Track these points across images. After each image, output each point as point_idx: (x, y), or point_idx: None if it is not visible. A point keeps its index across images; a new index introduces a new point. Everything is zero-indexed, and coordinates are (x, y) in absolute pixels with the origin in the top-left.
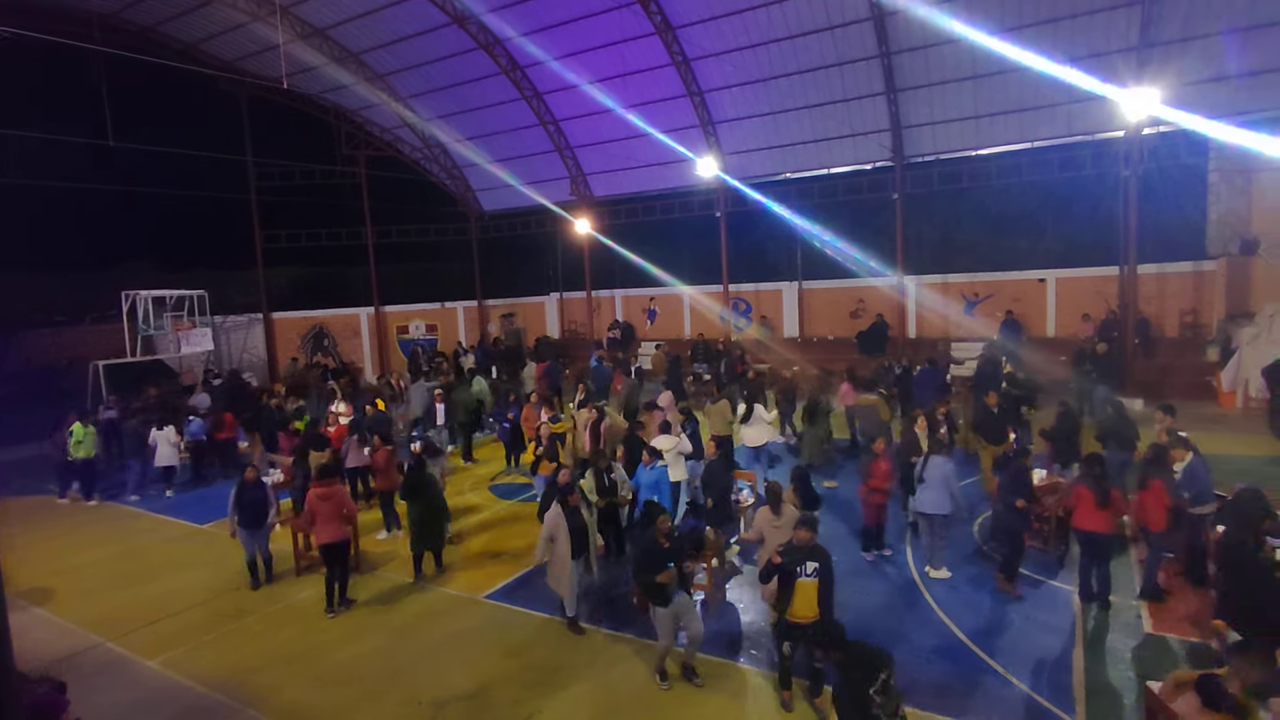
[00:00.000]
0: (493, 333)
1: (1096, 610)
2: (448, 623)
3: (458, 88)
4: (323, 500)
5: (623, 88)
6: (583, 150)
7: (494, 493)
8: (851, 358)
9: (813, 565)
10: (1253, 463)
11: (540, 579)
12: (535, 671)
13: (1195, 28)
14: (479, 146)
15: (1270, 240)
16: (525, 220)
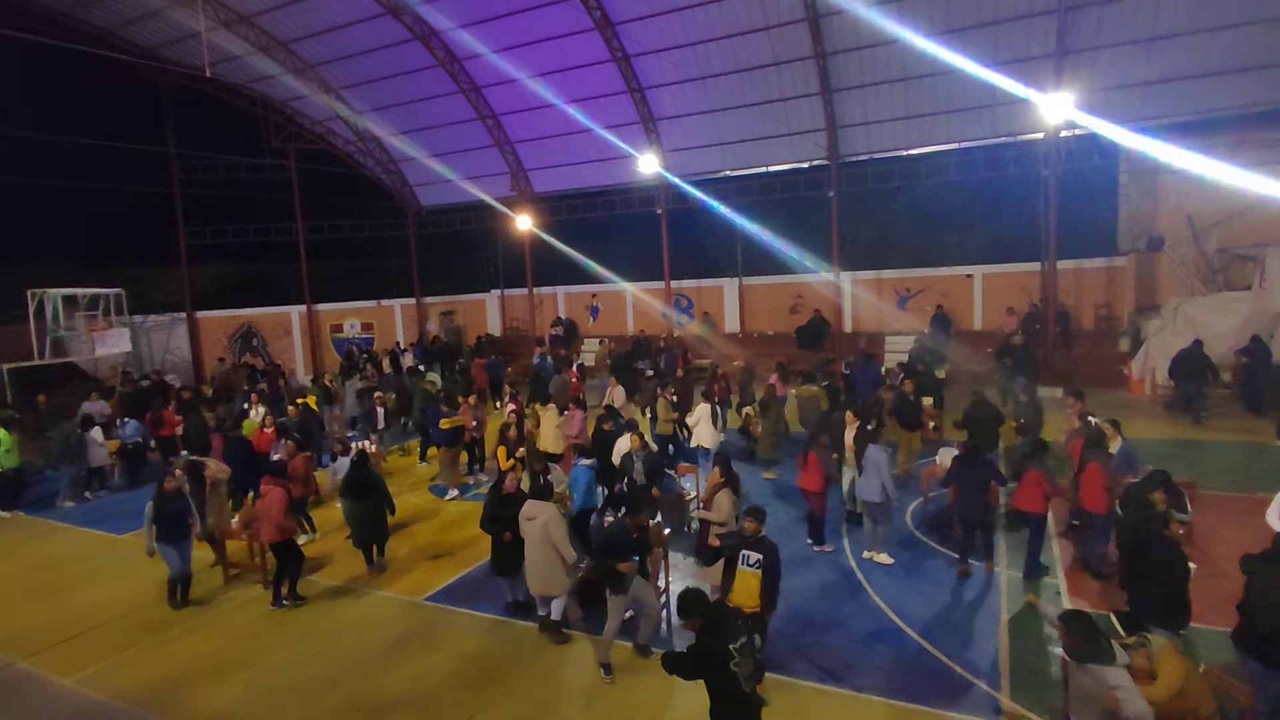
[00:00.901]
0: (432, 331)
1: (1024, 585)
2: (386, 626)
3: (393, 80)
4: (266, 501)
5: (563, 83)
6: (523, 145)
7: (434, 493)
8: (791, 352)
9: (755, 556)
10: (1159, 445)
11: (482, 578)
12: (478, 672)
13: (1105, 37)
14: (416, 140)
15: (1173, 238)
16: (465, 216)
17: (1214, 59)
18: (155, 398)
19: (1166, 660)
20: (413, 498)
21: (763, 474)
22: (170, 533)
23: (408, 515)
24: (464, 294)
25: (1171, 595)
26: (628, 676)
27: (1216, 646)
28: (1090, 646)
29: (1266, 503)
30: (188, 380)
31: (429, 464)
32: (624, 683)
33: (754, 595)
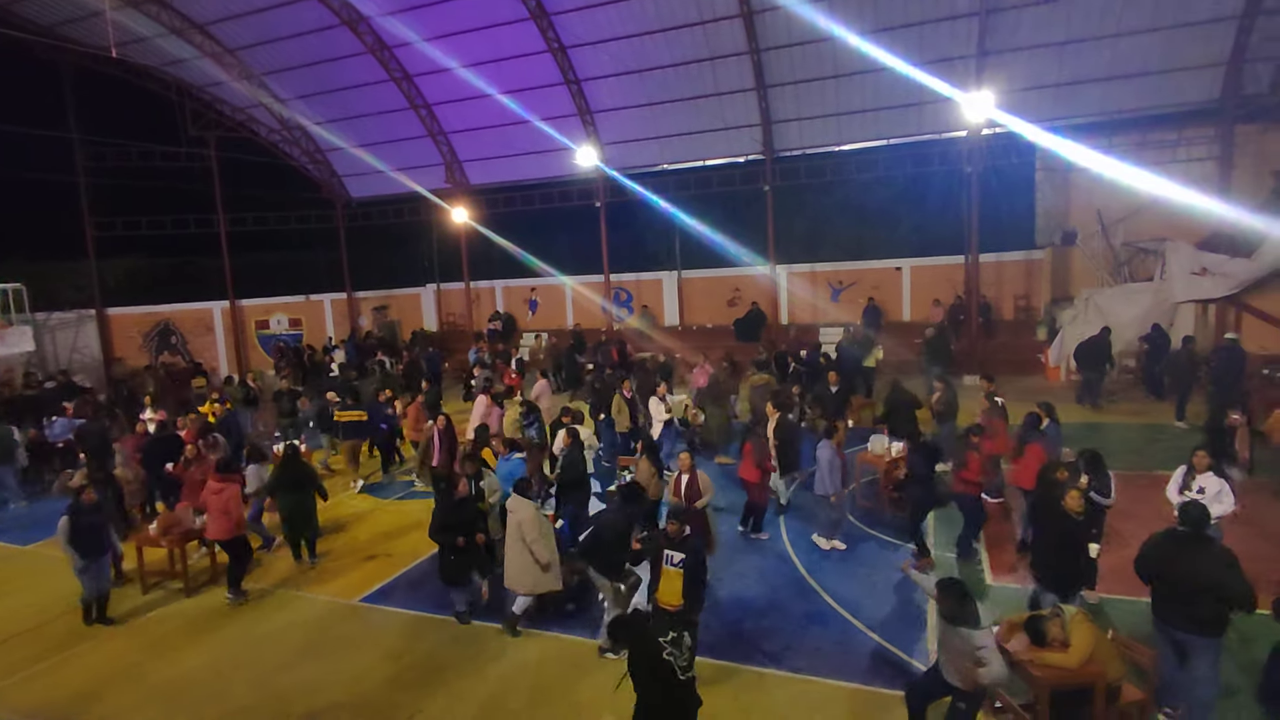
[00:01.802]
0: (364, 326)
1: (958, 564)
2: (318, 629)
3: (319, 66)
4: (215, 495)
5: (498, 73)
6: (458, 136)
7: (369, 494)
8: (729, 344)
9: (678, 556)
10: (1069, 428)
11: (420, 577)
12: (416, 672)
13: (1022, 40)
14: (345, 130)
15: (1085, 233)
16: (398, 208)
17: (1118, 63)
18: (60, 400)
19: (1078, 629)
20: (346, 499)
21: (717, 459)
22: (87, 548)
23: (342, 516)
24: (398, 288)
25: (1073, 564)
26: (574, 671)
27: (1122, 614)
28: (961, 610)
29: (1165, 479)
30: (98, 381)
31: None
32: (570, 678)
33: (678, 594)
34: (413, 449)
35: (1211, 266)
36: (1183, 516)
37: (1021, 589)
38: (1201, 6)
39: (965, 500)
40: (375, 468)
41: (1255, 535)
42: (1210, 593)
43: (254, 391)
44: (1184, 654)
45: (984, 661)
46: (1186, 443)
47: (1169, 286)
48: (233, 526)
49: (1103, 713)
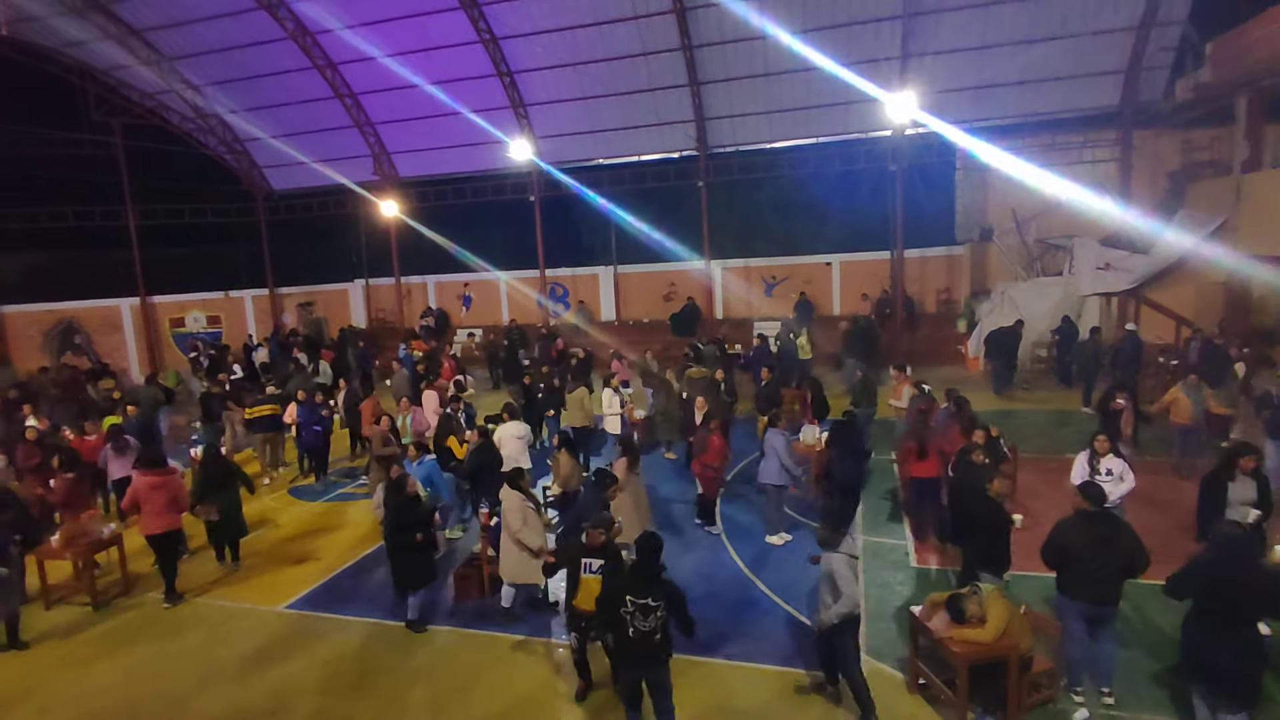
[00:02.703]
0: (288, 323)
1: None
2: (240, 639)
3: (236, 51)
4: (155, 490)
5: (427, 63)
6: (386, 127)
7: (294, 496)
8: (666, 339)
9: (598, 563)
10: (984, 415)
11: (349, 581)
12: (346, 677)
13: (943, 43)
14: (264, 119)
15: (1001, 229)
16: (323, 201)
17: (1030, 68)
18: None
19: (993, 605)
20: (269, 501)
21: (665, 453)
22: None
23: (267, 520)
24: (324, 284)
25: (993, 544)
26: (509, 669)
27: (1032, 589)
28: (832, 537)
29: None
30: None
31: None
32: (505, 674)
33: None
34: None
35: (1114, 262)
36: (1089, 496)
37: (943, 570)
38: (1102, 17)
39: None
40: (297, 467)
41: (1148, 508)
42: (1123, 564)
43: (171, 392)
44: (1092, 628)
45: (838, 588)
46: (1093, 427)
47: (1077, 280)
48: (178, 518)
49: (1016, 682)
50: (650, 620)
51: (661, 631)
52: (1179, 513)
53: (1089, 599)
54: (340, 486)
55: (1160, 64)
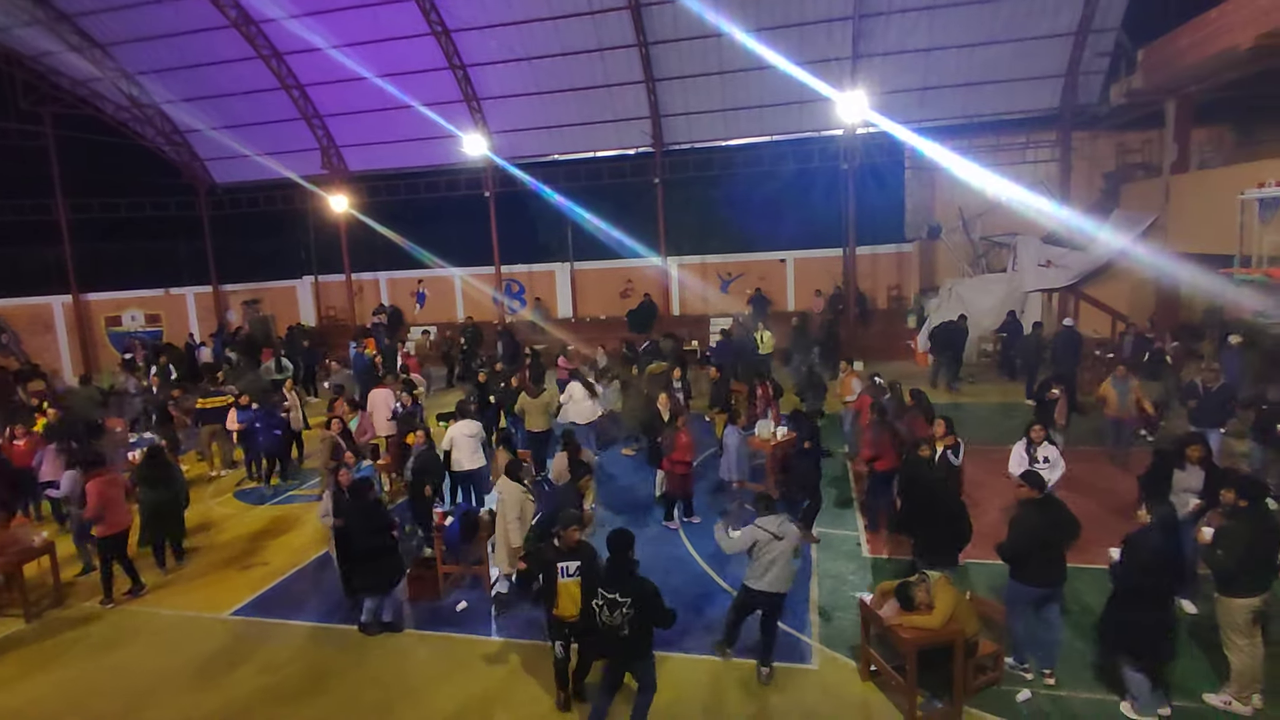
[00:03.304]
0: (234, 321)
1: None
2: (185, 648)
3: (174, 39)
4: (111, 486)
5: (377, 54)
6: (334, 120)
7: (240, 499)
8: (623, 335)
9: (574, 565)
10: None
11: (298, 585)
12: (296, 682)
13: (892, 44)
14: (206, 109)
15: (948, 227)
16: (269, 195)
17: (975, 71)
18: None
19: (941, 592)
20: (214, 505)
21: (623, 450)
22: None
23: (212, 524)
24: (271, 280)
25: (942, 533)
26: (464, 671)
27: (978, 576)
28: (764, 510)
29: None
30: None
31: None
32: (461, 677)
33: (578, 603)
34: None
35: (1054, 259)
36: (1034, 485)
37: (889, 559)
38: (1042, 22)
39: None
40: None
41: (1082, 493)
42: (1067, 546)
43: (108, 393)
44: (1040, 610)
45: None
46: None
47: (1020, 277)
48: (124, 517)
49: (962, 666)
50: (616, 615)
51: (629, 628)
52: (1111, 498)
53: (1045, 583)
54: (288, 489)
55: (1096, 69)
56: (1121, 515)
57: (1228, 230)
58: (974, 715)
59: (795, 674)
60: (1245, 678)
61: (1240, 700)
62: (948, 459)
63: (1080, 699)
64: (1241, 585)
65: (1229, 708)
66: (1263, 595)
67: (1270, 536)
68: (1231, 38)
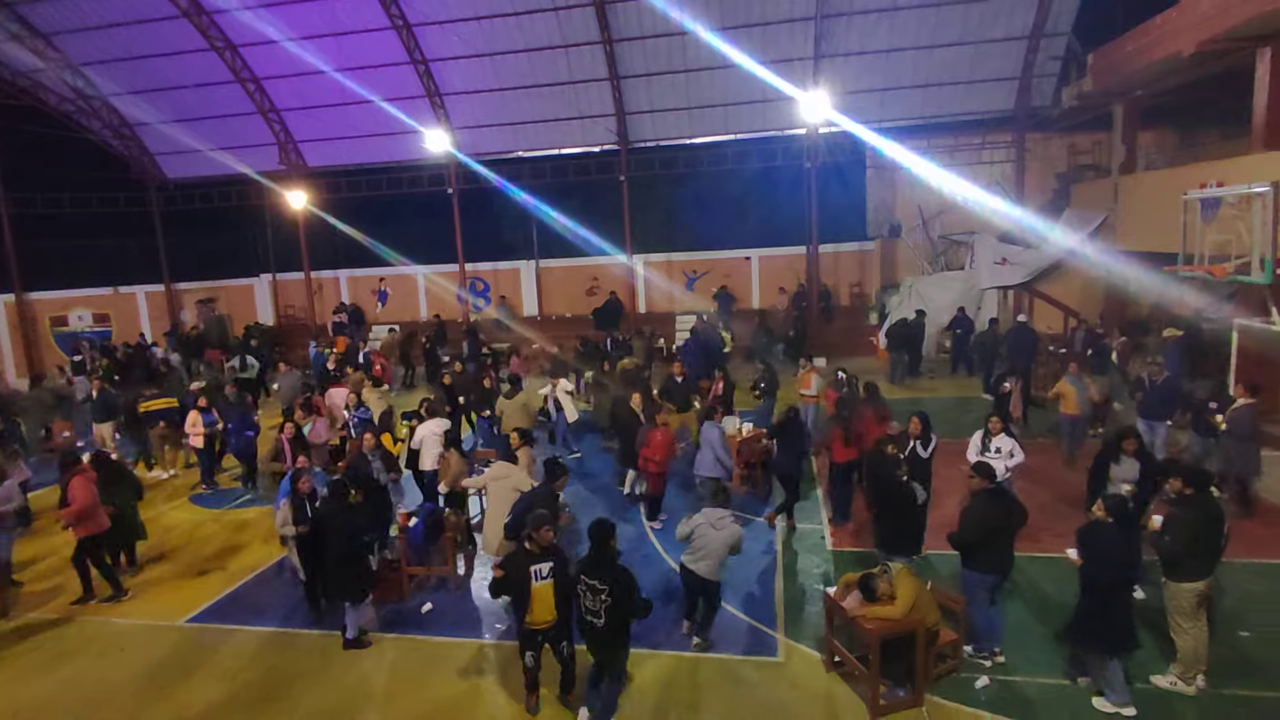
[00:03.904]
0: (188, 321)
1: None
2: (138, 657)
3: (122, 29)
4: (93, 484)
5: (336, 48)
6: (292, 114)
7: (195, 504)
8: (589, 334)
9: (547, 566)
10: (892, 403)
11: (257, 590)
12: (257, 689)
13: (853, 45)
14: (157, 102)
15: (908, 225)
16: (224, 191)
17: (933, 72)
18: None
19: (903, 582)
20: (169, 510)
21: (603, 443)
22: None
23: (166, 529)
24: (227, 279)
25: (906, 527)
26: (431, 673)
27: (937, 566)
28: (717, 499)
29: None
30: None
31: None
32: (426, 680)
33: (552, 609)
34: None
35: (1010, 257)
36: (984, 474)
37: (854, 552)
38: (998, 26)
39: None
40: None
41: (1036, 484)
42: (1014, 533)
43: (63, 396)
44: (991, 594)
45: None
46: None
47: (977, 274)
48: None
49: (923, 655)
50: (595, 602)
51: (605, 617)
52: (1064, 488)
53: (996, 570)
54: (244, 493)
55: (1049, 72)
56: (1073, 505)
57: (1172, 229)
58: (935, 703)
59: (762, 667)
60: (1191, 659)
61: (1185, 681)
62: (917, 452)
63: (1036, 684)
64: (1188, 570)
65: (1175, 688)
66: (1207, 580)
67: (1215, 523)
68: (1174, 44)
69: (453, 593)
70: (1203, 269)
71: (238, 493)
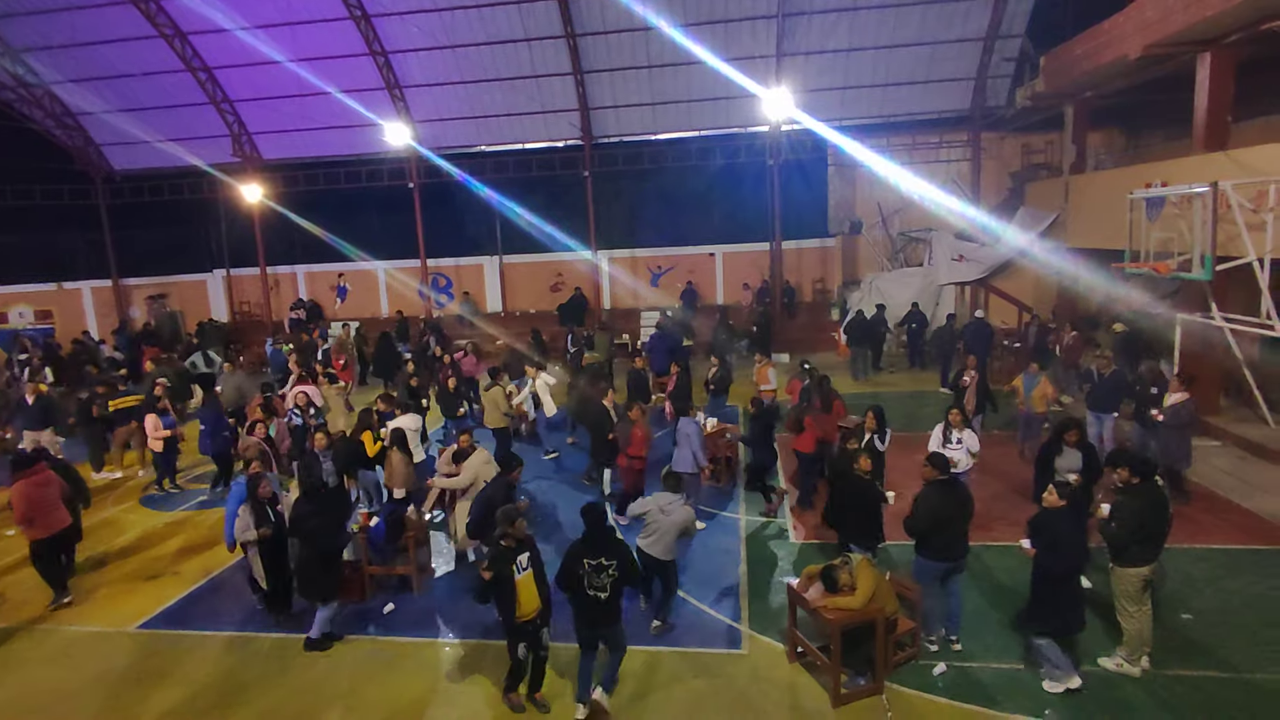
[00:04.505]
0: (138, 318)
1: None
2: (87, 665)
3: (64, 14)
4: (44, 487)
5: (291, 38)
6: (247, 105)
7: (147, 506)
8: (553, 329)
9: (526, 557)
10: (851, 397)
11: (217, 596)
12: (214, 695)
13: (814, 44)
14: (103, 91)
15: (868, 222)
16: (175, 184)
17: (892, 72)
18: None
19: (863, 573)
20: (120, 514)
21: (568, 439)
22: None
23: (115, 533)
24: (179, 274)
25: (867, 520)
26: (393, 674)
27: (897, 556)
28: (668, 488)
29: None
30: None
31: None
32: (389, 681)
33: (536, 597)
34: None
35: (966, 254)
36: (937, 465)
37: (817, 545)
38: (954, 27)
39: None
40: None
41: (992, 476)
42: (968, 521)
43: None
44: (944, 582)
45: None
46: (948, 405)
47: (935, 271)
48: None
49: (883, 643)
50: (603, 578)
51: (609, 590)
52: (1018, 480)
53: (948, 557)
54: (199, 494)
55: (1003, 73)
56: (1025, 495)
57: (1119, 227)
58: (894, 690)
59: (726, 659)
60: (1136, 641)
61: (1131, 663)
62: (874, 445)
63: (991, 669)
64: (1134, 556)
65: (1121, 669)
66: (1152, 565)
67: (1160, 510)
68: (1121, 47)
69: (415, 593)
70: (1148, 266)
71: (193, 494)
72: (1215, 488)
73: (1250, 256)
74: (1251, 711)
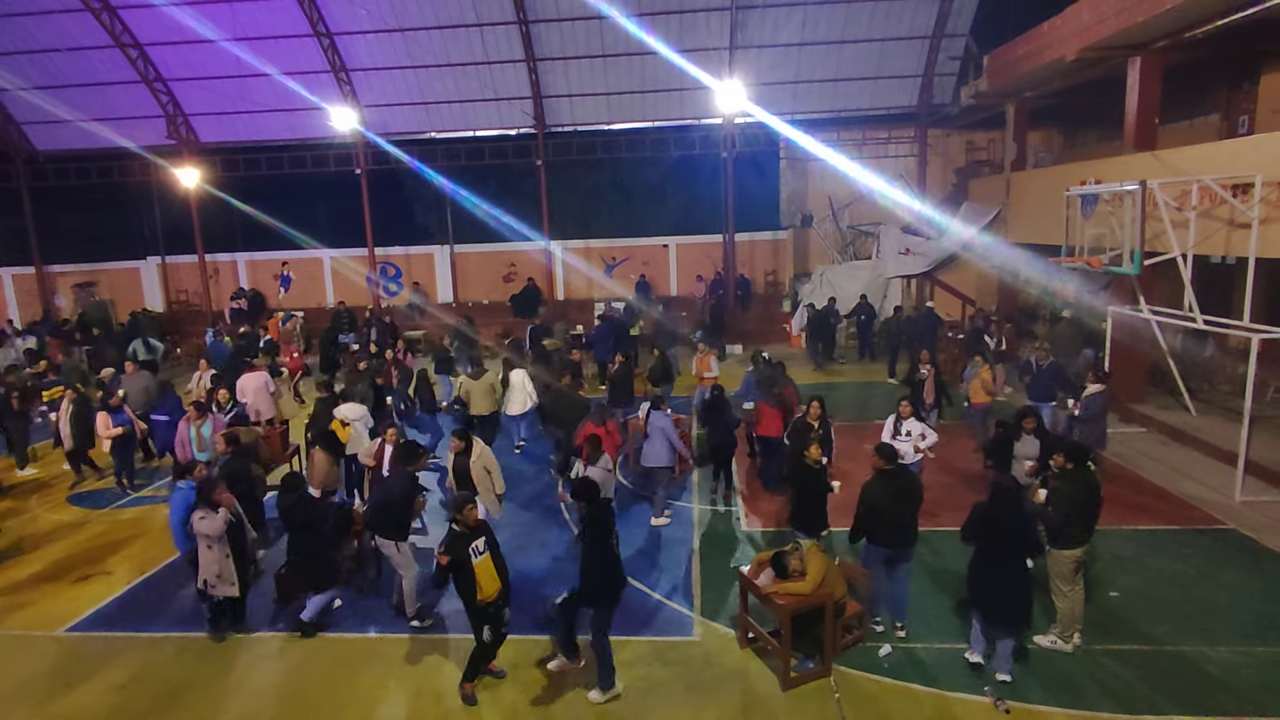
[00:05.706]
0: (63, 307)
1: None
2: (12, 670)
3: None
4: None
5: (230, 16)
6: (181, 85)
7: (74, 504)
8: (507, 321)
9: (481, 541)
10: (804, 388)
11: (152, 595)
12: (150, 698)
13: (766, 38)
14: (22, 66)
15: (819, 216)
16: (105, 166)
17: (843, 67)
18: None
19: (812, 559)
20: (44, 513)
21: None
22: None
23: (39, 533)
24: (109, 261)
25: (815, 507)
26: (342, 671)
27: (844, 542)
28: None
29: (882, 428)
30: None
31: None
32: (337, 678)
33: (495, 578)
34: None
35: (913, 247)
36: (883, 456)
37: (767, 532)
38: (902, 25)
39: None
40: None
41: (942, 467)
42: (916, 511)
43: None
44: (891, 569)
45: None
46: (899, 396)
47: (883, 264)
48: None
49: (831, 626)
50: (616, 540)
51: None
52: (968, 473)
53: (891, 545)
54: (136, 491)
55: (949, 71)
56: (971, 485)
57: (1056, 223)
58: (842, 672)
59: (678, 646)
60: (1069, 620)
61: (1064, 640)
62: (826, 433)
63: (934, 649)
64: (1069, 538)
65: (1055, 646)
66: (1084, 547)
67: (1093, 494)
68: (1059, 50)
69: (363, 589)
70: (1082, 260)
71: (125, 492)
72: (1140, 471)
73: (1175, 252)
74: (1176, 680)
